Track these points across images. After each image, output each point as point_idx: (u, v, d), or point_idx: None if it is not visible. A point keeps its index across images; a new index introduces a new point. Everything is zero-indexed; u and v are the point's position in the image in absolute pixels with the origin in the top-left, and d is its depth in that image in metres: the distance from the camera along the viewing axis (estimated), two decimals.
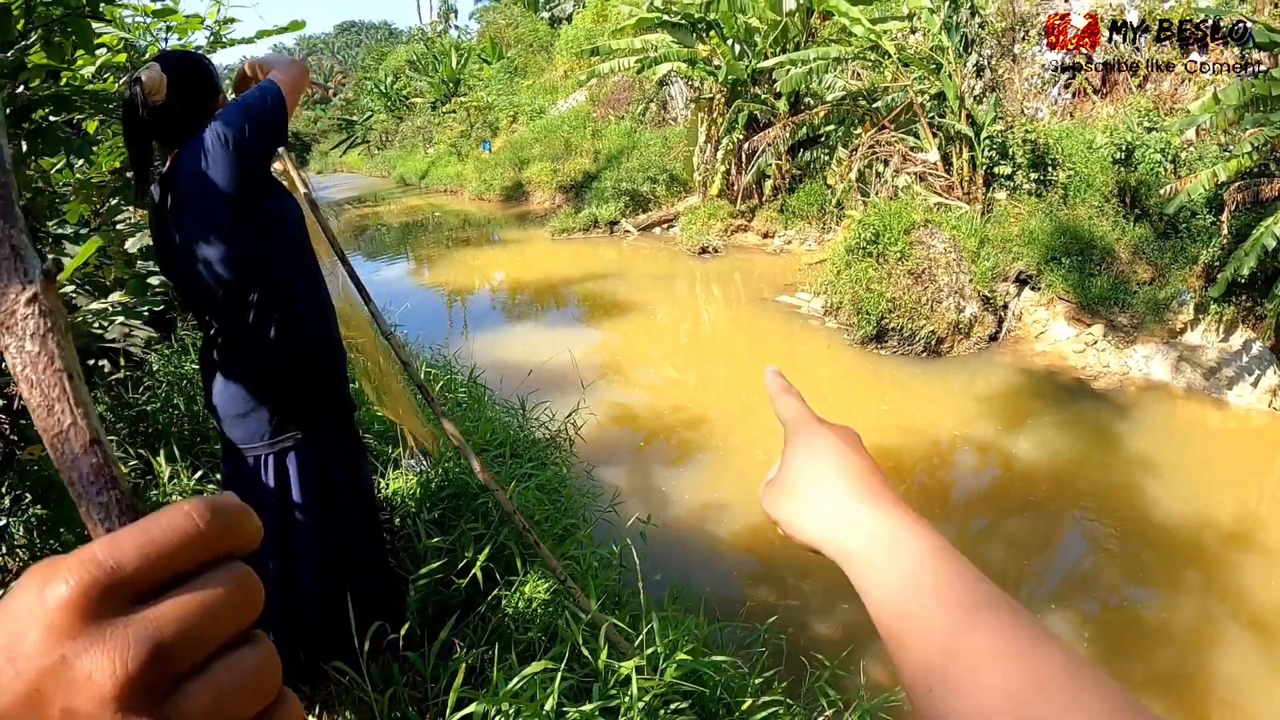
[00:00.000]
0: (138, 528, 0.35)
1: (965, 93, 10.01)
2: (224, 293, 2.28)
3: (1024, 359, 8.11)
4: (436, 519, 3.36)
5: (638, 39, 14.93)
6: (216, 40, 3.62)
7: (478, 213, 21.48)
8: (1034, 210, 9.33)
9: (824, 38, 12.95)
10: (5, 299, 0.43)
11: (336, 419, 2.51)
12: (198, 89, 2.31)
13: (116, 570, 0.34)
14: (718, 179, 13.67)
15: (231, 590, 0.36)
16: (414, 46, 44.96)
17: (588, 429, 5.67)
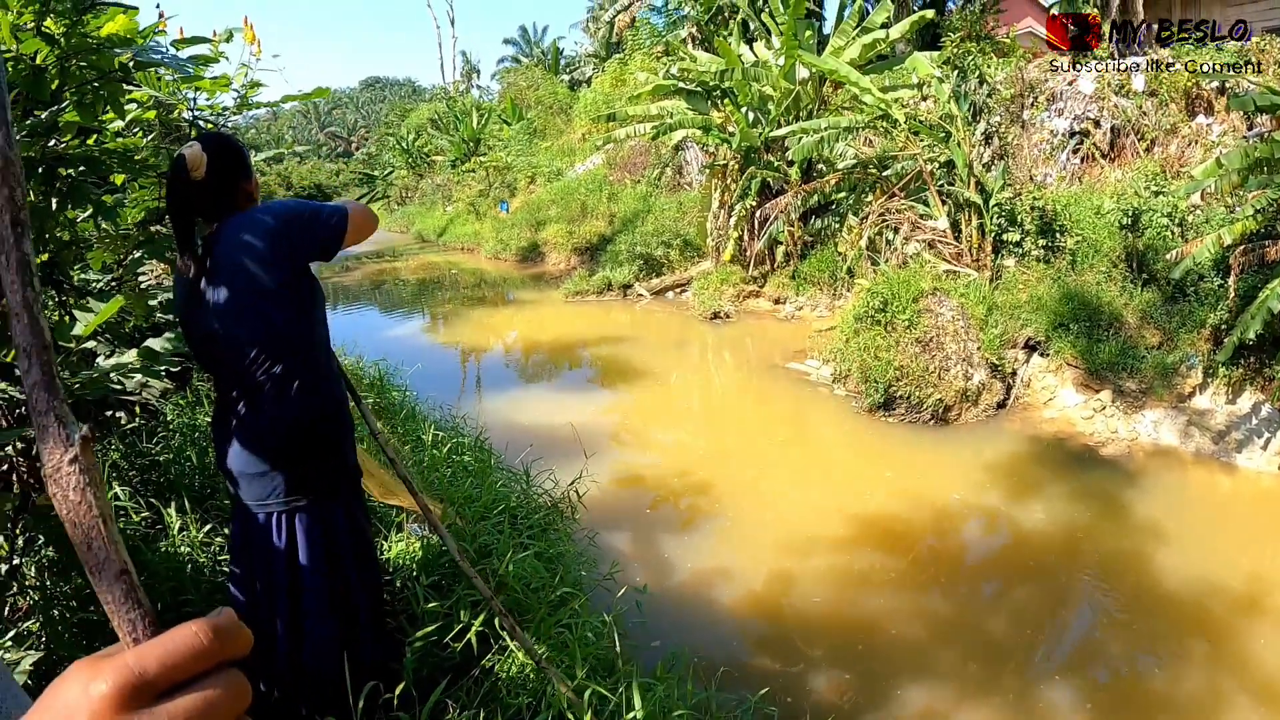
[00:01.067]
0: (158, 643, 0.51)
1: (974, 160, 10.26)
2: (251, 360, 2.47)
3: (1032, 426, 8.22)
4: (435, 583, 3.51)
5: (654, 105, 15.37)
6: (243, 102, 3.83)
7: (493, 272, 21.85)
8: (1042, 276, 9.50)
9: (835, 106, 13.30)
10: (52, 458, 0.56)
11: (345, 483, 2.67)
12: (232, 170, 2.55)
13: (143, 676, 0.49)
14: (731, 245, 13.93)
15: (226, 691, 0.52)
16: (436, 105, 45.88)
17: (594, 494, 5.82)
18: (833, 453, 8.08)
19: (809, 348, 10.54)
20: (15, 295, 0.60)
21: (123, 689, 0.49)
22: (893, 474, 7.43)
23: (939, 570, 6.00)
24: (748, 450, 8.25)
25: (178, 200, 2.44)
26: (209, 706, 0.51)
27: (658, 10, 26.12)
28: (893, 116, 10.85)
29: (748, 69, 13.85)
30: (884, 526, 6.43)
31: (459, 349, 13.86)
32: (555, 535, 4.75)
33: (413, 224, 35.03)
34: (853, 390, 8.99)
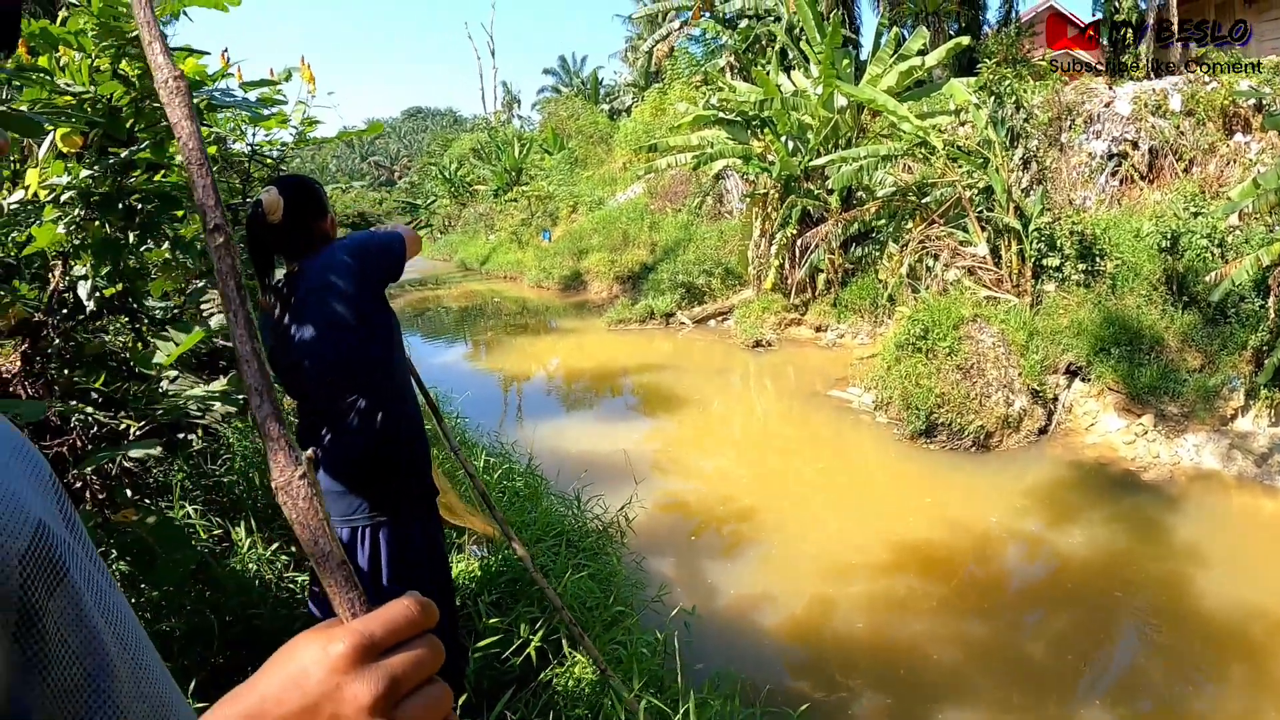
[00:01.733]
0: (380, 614, 0.66)
1: (1013, 185, 10.37)
2: (334, 389, 2.69)
3: (1074, 451, 8.29)
4: (495, 601, 3.73)
5: (694, 135, 15.63)
6: (301, 138, 4.08)
7: (536, 300, 22.20)
8: (1082, 301, 9.58)
9: (874, 133, 13.47)
10: (284, 475, 0.72)
11: (422, 502, 2.85)
12: (309, 210, 2.76)
13: (371, 637, 0.63)
14: (772, 273, 14.10)
15: (429, 650, 0.66)
16: (478, 135, 46.50)
17: (640, 519, 6.00)
18: (874, 480, 8.21)
19: (850, 375, 10.67)
20: (245, 345, 0.78)
21: (357, 648, 0.63)
22: (934, 500, 7.54)
23: (980, 596, 6.09)
24: (790, 477, 8.42)
25: (255, 242, 2.67)
26: (420, 661, 0.65)
27: (696, 40, 26.44)
28: (931, 143, 10.99)
29: (786, 98, 14.07)
30: (925, 553, 6.54)
31: (502, 376, 14.16)
32: (606, 558, 4.94)
33: (455, 252, 35.58)
34: (894, 417, 9.12)
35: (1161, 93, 11.85)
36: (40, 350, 2.68)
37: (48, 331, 2.69)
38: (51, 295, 2.70)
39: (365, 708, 0.62)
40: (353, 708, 0.62)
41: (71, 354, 2.78)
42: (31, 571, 0.65)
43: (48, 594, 0.66)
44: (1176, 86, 11.98)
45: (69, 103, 2.41)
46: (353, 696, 0.62)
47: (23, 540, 0.65)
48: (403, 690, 0.64)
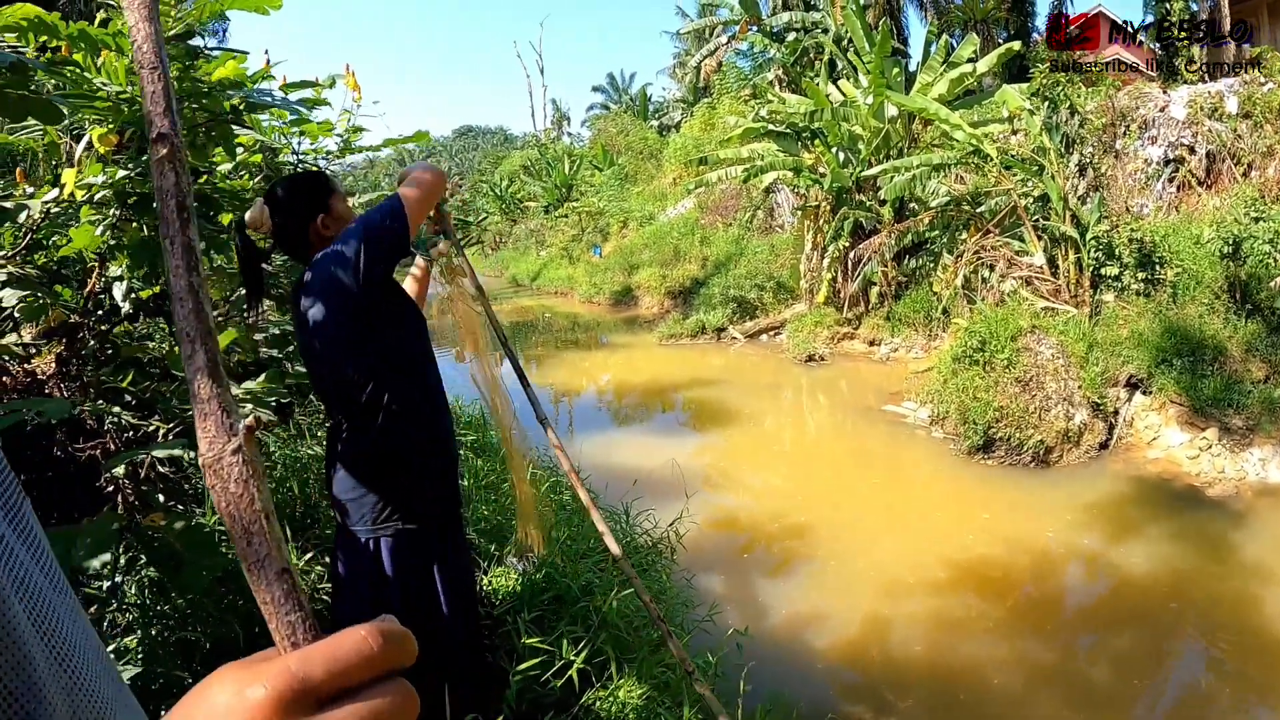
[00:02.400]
0: (323, 647, 0.47)
1: (1069, 193, 10.23)
2: (346, 393, 2.62)
3: (1136, 467, 8.13)
4: (536, 619, 3.71)
5: (744, 148, 15.64)
6: (346, 146, 4.14)
7: (587, 315, 22.32)
8: (1143, 311, 9.41)
9: (926, 143, 13.37)
10: (214, 447, 0.53)
11: (439, 515, 2.77)
12: (299, 209, 2.65)
13: (306, 681, 0.45)
14: (824, 286, 14.05)
15: (394, 700, 0.47)
16: (528, 152, 47.00)
17: (690, 535, 5.98)
18: (930, 496, 8.12)
19: (905, 389, 10.58)
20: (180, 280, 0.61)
21: (283, 694, 0.45)
22: (991, 517, 7.43)
23: (1041, 617, 5.99)
24: (843, 494, 8.35)
25: (243, 260, 2.63)
26: (375, 715, 0.46)
27: (743, 54, 26.49)
28: (984, 152, 10.88)
29: (836, 109, 14.03)
30: (983, 572, 6.45)
31: (553, 390, 14.22)
32: (655, 575, 4.92)
33: (507, 268, 35.99)
34: (951, 432, 9.01)
35: (1217, 95, 11.62)
36: (76, 352, 2.69)
37: (83, 333, 2.71)
38: (88, 297, 2.73)
39: None
40: None
41: (107, 357, 2.80)
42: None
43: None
44: (1232, 89, 11.74)
45: (104, 103, 2.38)
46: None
47: None
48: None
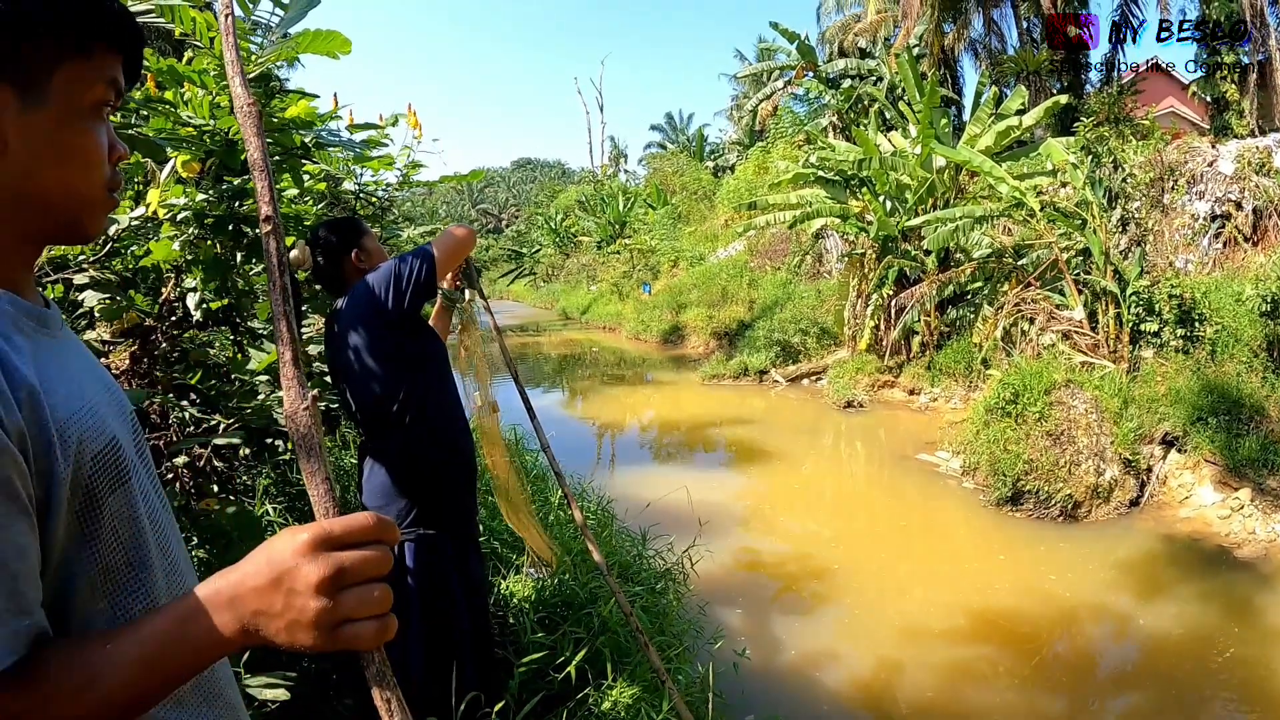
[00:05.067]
0: (343, 519, 0.84)
1: (1110, 247, 10.30)
2: (372, 413, 3.01)
3: (1166, 525, 8.16)
4: (543, 620, 4.00)
5: (794, 193, 15.86)
6: (405, 181, 4.41)
7: (634, 351, 22.66)
8: (1180, 368, 9.42)
9: (972, 194, 13.49)
10: (294, 405, 1.01)
11: (454, 525, 3.11)
12: (335, 248, 3.11)
13: (330, 534, 0.82)
14: (866, 333, 14.20)
15: (377, 556, 0.83)
16: (584, 187, 47.66)
17: (710, 569, 6.15)
18: (957, 546, 8.22)
19: (940, 439, 10.68)
20: (278, 308, 1.08)
21: (316, 538, 0.81)
22: (1018, 570, 7.52)
23: (1060, 672, 6.01)
24: (872, 539, 8.48)
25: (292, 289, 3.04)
26: (367, 560, 0.82)
27: (799, 99, 26.77)
28: (1028, 204, 10.99)
29: (885, 158, 14.26)
30: (1005, 624, 6.53)
31: (595, 424, 14.54)
32: (663, 596, 5.12)
33: (557, 301, 36.62)
34: (981, 483, 9.11)
35: (1265, 150, 11.62)
36: (148, 352, 2.91)
37: (156, 336, 2.93)
38: (162, 304, 2.96)
39: (313, 585, 0.80)
40: (303, 583, 0.80)
41: (176, 358, 3.05)
42: (100, 469, 0.92)
43: (109, 490, 0.93)
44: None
45: (190, 133, 2.67)
46: (305, 574, 0.80)
47: (98, 444, 0.92)
48: (348, 580, 0.81)
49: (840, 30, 29.56)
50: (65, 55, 0.92)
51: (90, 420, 0.92)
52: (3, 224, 0.92)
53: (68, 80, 0.92)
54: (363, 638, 0.82)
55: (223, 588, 0.83)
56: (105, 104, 0.97)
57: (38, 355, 0.90)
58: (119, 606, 0.93)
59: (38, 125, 0.90)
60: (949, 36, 21.92)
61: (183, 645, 0.82)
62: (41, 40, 0.90)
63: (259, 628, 0.81)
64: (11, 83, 0.88)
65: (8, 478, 0.78)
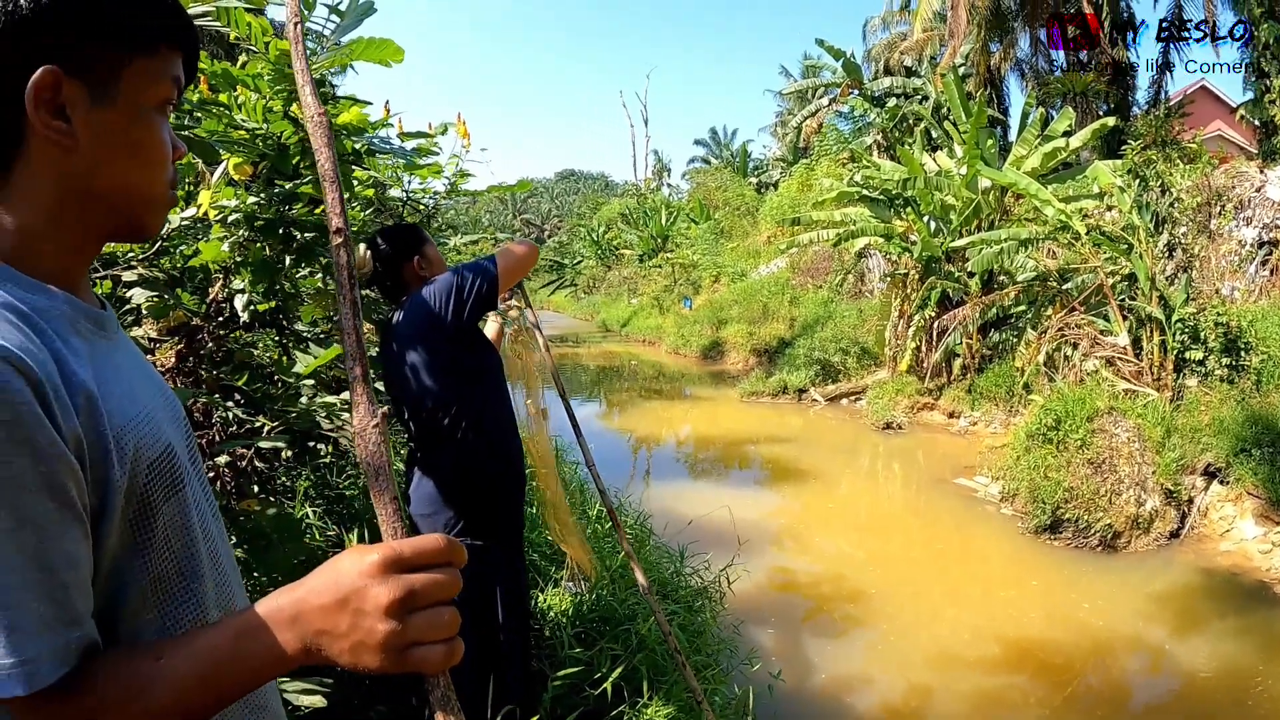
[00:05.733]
0: (413, 540, 0.83)
1: (1156, 273, 10.22)
2: (424, 421, 3.01)
3: (1206, 558, 8.08)
4: (581, 635, 4.05)
5: (838, 211, 15.88)
6: (452, 189, 4.47)
7: (672, 366, 22.74)
8: (1225, 397, 9.32)
9: (1018, 216, 13.44)
10: (363, 422, 0.99)
11: (503, 536, 3.12)
12: (394, 256, 3.14)
13: (400, 555, 0.81)
14: (907, 355, 14.17)
15: (447, 579, 0.82)
16: (627, 200, 47.85)
17: (744, 588, 6.19)
18: (992, 573, 8.19)
19: (979, 464, 10.65)
20: (348, 322, 1.07)
21: (387, 559, 0.80)
22: (1053, 600, 7.48)
23: (1095, 705, 5.95)
24: (905, 563, 8.47)
25: None
26: (438, 583, 0.81)
27: (844, 117, 26.78)
28: (1073, 228, 10.94)
29: (930, 178, 14.23)
30: (1039, 654, 6.50)
31: (632, 437, 14.63)
32: (699, 614, 5.16)
33: (597, 313, 36.83)
34: (1019, 510, 9.07)
35: None
36: (194, 351, 2.92)
37: (203, 336, 2.94)
38: (210, 304, 2.97)
39: (382, 607, 0.79)
40: (372, 605, 0.79)
41: (222, 358, 3.04)
42: (155, 477, 0.92)
43: (164, 499, 0.93)
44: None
45: (243, 136, 2.70)
46: (374, 596, 0.79)
47: (154, 451, 0.93)
48: (417, 603, 0.80)
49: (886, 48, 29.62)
50: (134, 54, 0.93)
51: (147, 427, 0.93)
52: (69, 221, 0.93)
53: (135, 78, 0.94)
54: (430, 661, 0.81)
55: (284, 605, 0.82)
56: (168, 102, 0.99)
57: (95, 358, 0.90)
58: (169, 616, 0.93)
59: (107, 123, 0.92)
60: (995, 56, 21.88)
61: (239, 662, 0.81)
62: (112, 39, 0.91)
63: (322, 647, 0.81)
64: (82, 80, 0.89)
65: (64, 485, 0.78)
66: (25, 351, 0.78)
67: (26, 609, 0.74)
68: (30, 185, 0.89)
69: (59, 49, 0.87)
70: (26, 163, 0.89)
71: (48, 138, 0.88)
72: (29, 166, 0.89)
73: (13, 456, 0.74)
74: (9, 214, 0.89)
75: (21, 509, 0.74)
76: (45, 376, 0.78)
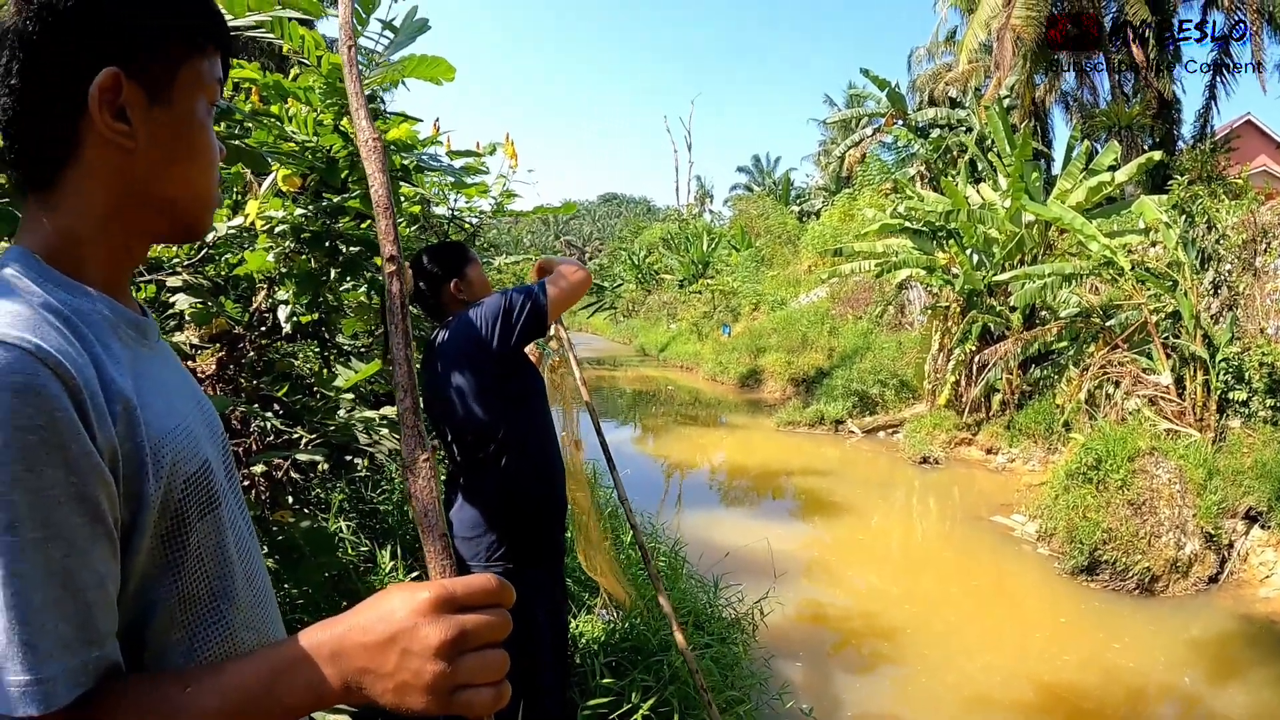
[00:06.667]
0: (464, 579, 0.81)
1: (1201, 311, 10.13)
2: (466, 443, 2.97)
3: (1245, 604, 7.97)
4: (612, 664, 4.07)
5: (880, 242, 15.91)
6: (498, 209, 4.48)
7: (709, 393, 22.76)
8: (1269, 440, 9.19)
9: (1061, 250, 13.37)
10: (415, 457, 0.96)
11: (545, 560, 3.09)
12: (438, 276, 3.11)
13: (452, 594, 0.79)
14: (946, 389, 14.12)
15: (499, 620, 0.80)
16: (668, 225, 48.03)
17: (775, 619, 6.21)
18: (1027, 614, 8.13)
19: (1016, 501, 10.58)
20: (400, 351, 1.05)
21: (438, 598, 0.78)
22: (1088, 643, 7.41)
23: None
24: (938, 601, 8.42)
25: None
26: (490, 625, 0.79)
27: (887, 147, 26.80)
28: (1118, 264, 10.86)
29: (973, 211, 14.20)
30: (1071, 699, 6.44)
31: (666, 462, 14.68)
32: (732, 647, 5.19)
33: (636, 337, 36.91)
34: (1056, 550, 9.00)
35: None
36: (235, 360, 2.94)
37: (244, 345, 2.97)
38: (253, 313, 3.02)
39: (433, 648, 0.76)
40: (421, 645, 0.76)
41: (263, 367, 3.08)
42: (191, 493, 0.90)
43: (199, 516, 0.91)
44: None
45: (293, 148, 2.73)
46: (424, 636, 0.76)
47: (192, 466, 0.91)
48: (469, 644, 0.78)
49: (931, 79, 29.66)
50: (187, 55, 0.95)
51: (185, 440, 0.91)
52: (121, 224, 0.93)
53: (188, 78, 0.95)
54: (477, 705, 0.78)
55: (325, 640, 0.79)
56: (214, 102, 1.00)
57: (135, 366, 0.89)
58: (197, 638, 0.90)
59: (164, 124, 0.93)
60: (1040, 89, 21.85)
61: (273, 698, 0.78)
62: (167, 39, 0.93)
63: (364, 686, 0.78)
64: (140, 82, 0.90)
65: (95, 499, 0.77)
66: (64, 355, 0.77)
67: (47, 626, 0.72)
68: (84, 189, 0.91)
69: (117, 51, 0.89)
70: (80, 166, 0.90)
71: (109, 140, 0.89)
72: (84, 170, 0.90)
73: (45, 466, 0.73)
74: (57, 218, 0.90)
75: (51, 522, 0.73)
76: (84, 382, 0.78)
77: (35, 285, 0.84)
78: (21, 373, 0.73)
